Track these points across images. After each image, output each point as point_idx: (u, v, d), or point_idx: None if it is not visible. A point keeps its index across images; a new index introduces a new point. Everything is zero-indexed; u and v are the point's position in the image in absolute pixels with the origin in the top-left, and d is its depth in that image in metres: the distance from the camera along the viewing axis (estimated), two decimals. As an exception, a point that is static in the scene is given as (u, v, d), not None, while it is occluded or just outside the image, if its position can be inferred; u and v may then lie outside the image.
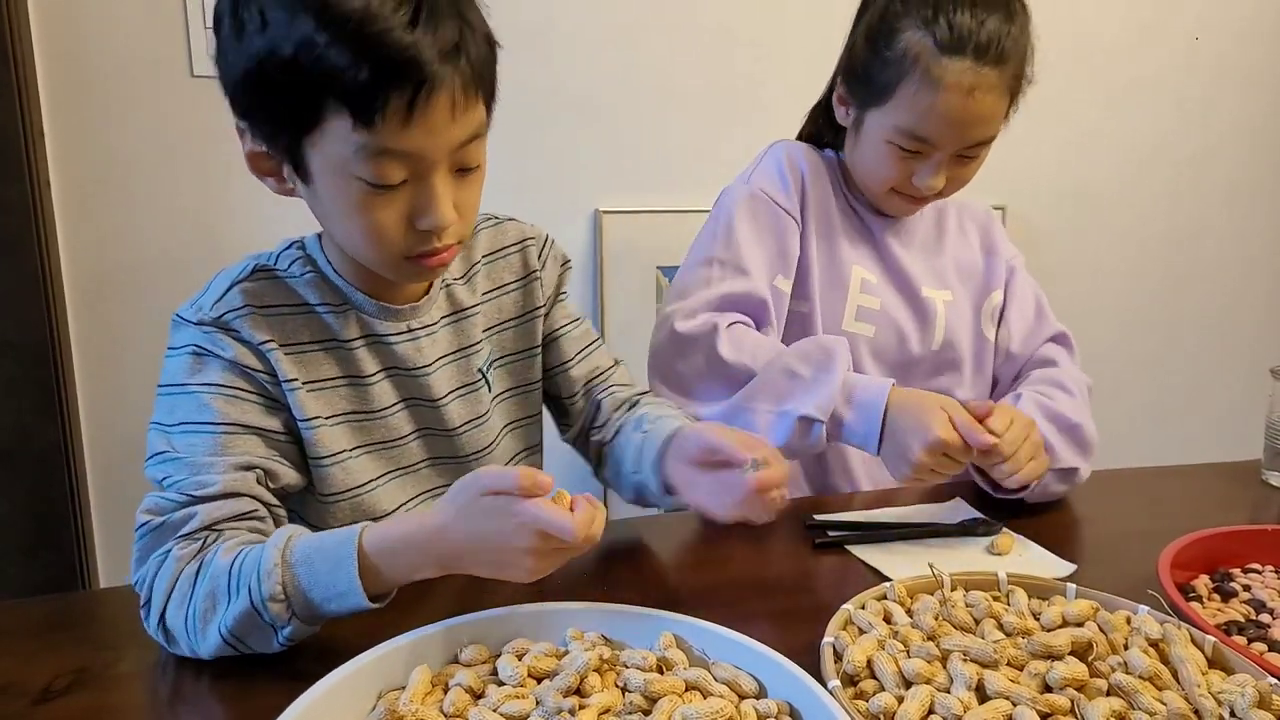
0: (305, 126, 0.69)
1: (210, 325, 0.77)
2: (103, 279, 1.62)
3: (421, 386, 0.87)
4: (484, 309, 0.93)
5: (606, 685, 0.63)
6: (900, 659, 0.65)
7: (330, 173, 0.71)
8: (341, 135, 0.68)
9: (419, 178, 0.71)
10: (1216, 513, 1.05)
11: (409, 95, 0.66)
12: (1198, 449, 2.29)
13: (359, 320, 0.84)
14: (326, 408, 0.83)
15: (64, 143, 1.56)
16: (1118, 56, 2.09)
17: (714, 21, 1.83)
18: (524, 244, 0.96)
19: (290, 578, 0.67)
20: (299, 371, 0.81)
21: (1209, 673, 0.65)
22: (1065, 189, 2.13)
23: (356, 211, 0.72)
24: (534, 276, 0.95)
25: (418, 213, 0.73)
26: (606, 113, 1.81)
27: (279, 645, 0.68)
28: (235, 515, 0.72)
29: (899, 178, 1.07)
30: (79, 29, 1.54)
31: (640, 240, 1.85)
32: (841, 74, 1.12)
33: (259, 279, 0.81)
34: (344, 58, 0.65)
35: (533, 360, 0.97)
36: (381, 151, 0.68)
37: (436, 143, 0.70)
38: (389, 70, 0.65)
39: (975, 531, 0.96)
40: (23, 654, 0.72)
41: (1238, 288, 2.32)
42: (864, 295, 1.14)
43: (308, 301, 0.82)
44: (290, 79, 0.66)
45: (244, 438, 0.76)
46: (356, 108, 0.66)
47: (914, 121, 1.02)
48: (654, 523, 1.06)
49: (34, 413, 1.55)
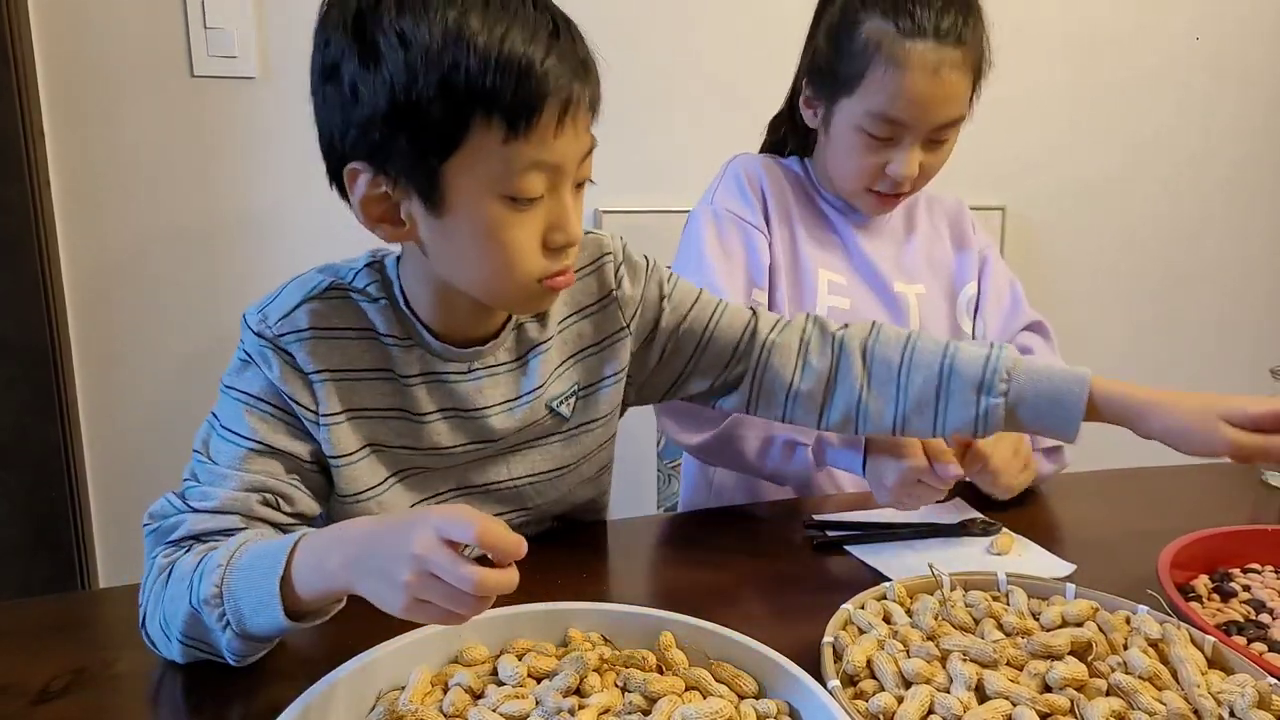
0: (451, 147, 0.67)
1: (267, 342, 0.76)
2: (103, 279, 1.62)
3: (478, 429, 0.84)
4: (558, 341, 0.88)
5: (606, 685, 0.63)
6: (900, 659, 0.65)
7: (473, 193, 0.69)
8: (491, 150, 0.67)
9: (553, 191, 0.72)
10: (1216, 513, 1.05)
11: (560, 104, 0.67)
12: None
13: (421, 358, 0.81)
14: (369, 436, 0.81)
15: (64, 143, 1.56)
16: (1117, 56, 2.09)
17: (714, 21, 1.83)
18: (600, 261, 0.89)
19: (228, 580, 0.65)
20: (348, 400, 0.79)
21: (1209, 673, 0.65)
22: (1065, 189, 2.13)
23: (496, 233, 0.70)
24: (611, 298, 0.89)
25: (552, 228, 0.72)
26: (607, 113, 1.81)
27: (231, 655, 0.66)
28: (220, 530, 0.71)
29: (872, 170, 1.08)
30: (79, 29, 1.54)
31: (640, 240, 1.84)
32: (806, 76, 1.14)
33: (331, 297, 0.79)
34: (496, 73, 0.65)
35: (611, 389, 0.90)
36: (531, 164, 0.68)
37: (575, 153, 0.71)
38: (538, 80, 0.66)
39: (975, 531, 0.96)
40: (21, 654, 0.72)
41: (1238, 287, 2.31)
42: (832, 297, 1.15)
43: (375, 329, 0.80)
44: (440, 98, 0.65)
45: (267, 459, 0.76)
46: (511, 118, 0.66)
47: (883, 104, 1.03)
48: (654, 523, 1.06)
49: (34, 413, 1.55)
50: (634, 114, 1.82)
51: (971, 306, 1.22)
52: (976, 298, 1.23)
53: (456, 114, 0.66)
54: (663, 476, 1.90)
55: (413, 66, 0.64)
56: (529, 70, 0.66)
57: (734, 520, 1.03)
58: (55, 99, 1.54)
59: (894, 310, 1.18)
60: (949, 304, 1.22)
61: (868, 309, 1.16)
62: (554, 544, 0.92)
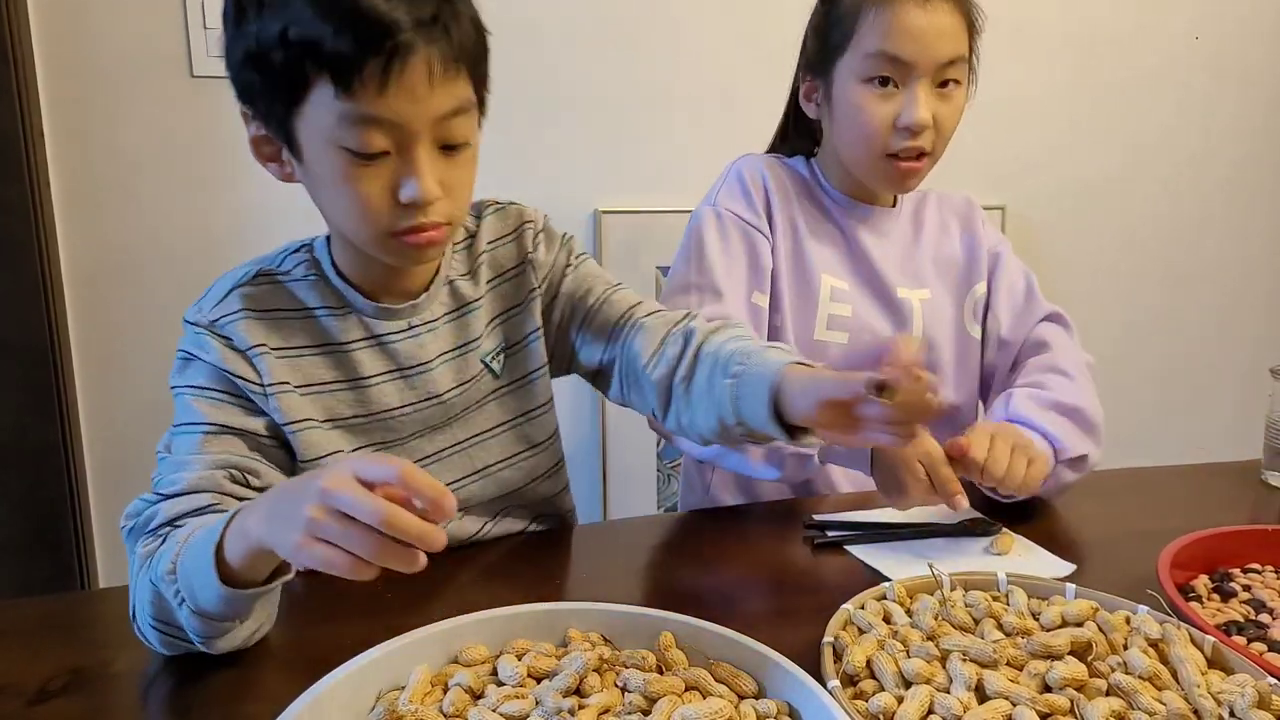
0: (294, 99, 0.71)
1: (203, 328, 0.80)
2: (102, 280, 1.62)
3: (424, 383, 0.87)
4: (487, 300, 0.93)
5: (606, 685, 0.63)
6: (900, 659, 0.65)
7: (318, 145, 0.72)
8: (325, 103, 0.70)
9: (401, 149, 0.73)
10: (1216, 513, 1.05)
11: (384, 59, 0.68)
12: (1198, 449, 2.29)
13: (360, 323, 0.85)
14: (321, 411, 0.83)
15: (64, 143, 1.56)
16: (1117, 56, 2.09)
17: (714, 21, 1.83)
18: (521, 229, 0.95)
19: (181, 556, 0.66)
20: (291, 375, 0.81)
21: (1208, 673, 0.64)
22: (1065, 188, 2.13)
23: (343, 183, 0.73)
24: (527, 262, 0.94)
25: (400, 184, 0.73)
26: (606, 113, 1.81)
27: (196, 640, 0.67)
28: (194, 510, 0.72)
29: (883, 126, 1.05)
30: (79, 30, 1.54)
31: (640, 240, 1.85)
32: (803, 69, 1.15)
33: (259, 283, 0.83)
34: (325, 27, 0.67)
35: (534, 347, 0.94)
36: (362, 118, 0.70)
37: (415, 110, 0.71)
38: (365, 35, 0.68)
39: (975, 531, 0.95)
40: (19, 654, 0.72)
41: (1238, 287, 2.31)
42: (835, 304, 1.14)
43: (307, 305, 0.83)
44: (280, 52, 0.69)
45: (225, 438, 0.78)
46: (336, 73, 0.68)
47: (880, 42, 1.03)
48: (654, 523, 1.06)
49: (33, 413, 1.55)
50: (634, 114, 1.82)
51: (980, 308, 1.20)
52: (986, 300, 1.21)
53: (294, 66, 0.69)
54: (662, 476, 1.90)
55: (264, 18, 0.69)
56: (353, 23, 0.67)
57: (734, 520, 1.02)
58: (55, 99, 1.54)
59: (896, 317, 1.16)
60: (955, 307, 1.20)
61: (869, 316, 1.15)
62: (554, 544, 0.92)
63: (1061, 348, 1.14)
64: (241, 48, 0.71)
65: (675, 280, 1.14)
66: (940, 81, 1.05)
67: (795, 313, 1.14)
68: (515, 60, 1.71)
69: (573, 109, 1.79)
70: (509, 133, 1.74)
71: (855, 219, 1.17)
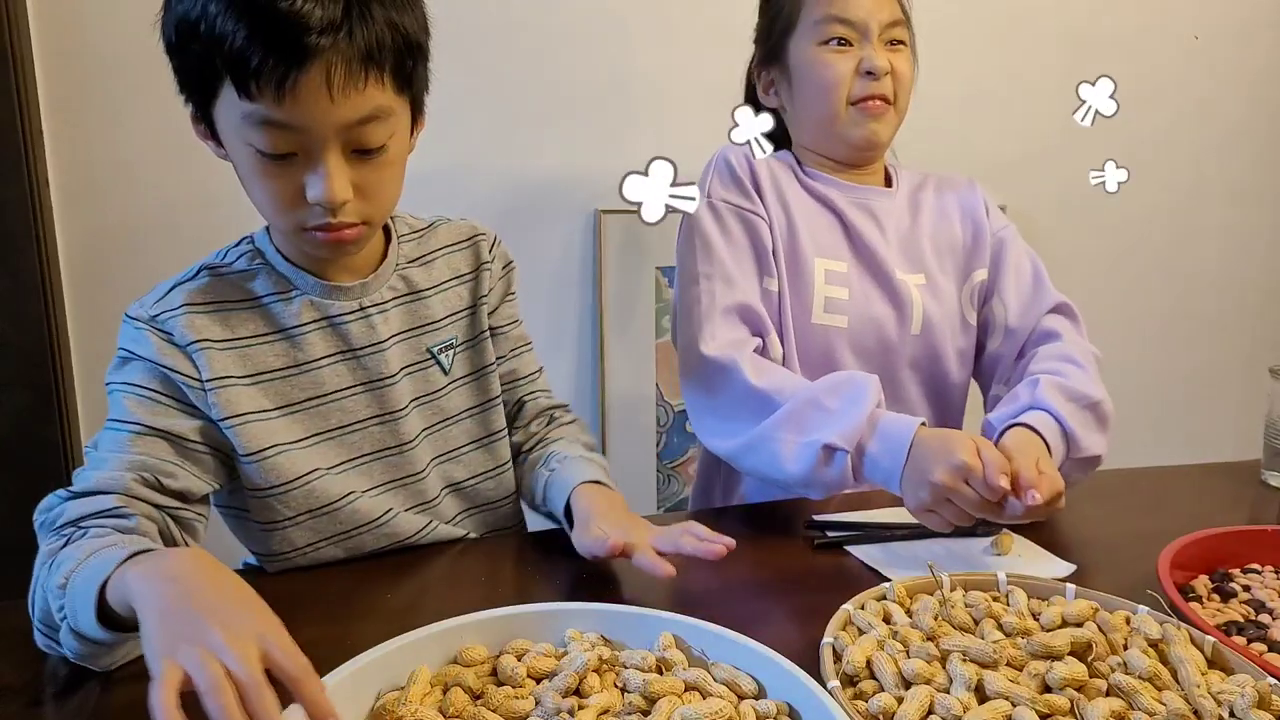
0: (209, 91, 0.72)
1: (143, 323, 0.80)
2: (102, 279, 1.62)
3: (370, 366, 0.88)
4: (444, 295, 0.95)
5: (606, 686, 0.63)
6: (900, 659, 0.65)
7: (231, 138, 0.74)
8: (232, 102, 0.70)
9: (307, 152, 0.73)
10: (1216, 513, 1.05)
11: (281, 67, 0.68)
12: (1198, 449, 2.29)
13: (309, 304, 0.85)
14: (273, 399, 0.84)
15: (63, 143, 1.56)
16: (1117, 55, 2.08)
17: (714, 21, 1.83)
18: (475, 239, 0.99)
19: (75, 572, 0.65)
20: (237, 367, 0.82)
21: (1209, 673, 0.65)
22: (1064, 188, 2.13)
23: (255, 176, 0.74)
24: (484, 267, 0.98)
25: (308, 184, 0.74)
26: (606, 113, 1.81)
27: (70, 655, 0.66)
28: (98, 512, 0.72)
29: (845, 77, 1.10)
30: (79, 29, 1.54)
31: (640, 240, 1.85)
32: (756, 65, 1.21)
33: (202, 278, 0.84)
34: (229, 25, 0.68)
35: (484, 345, 0.99)
36: (264, 121, 0.70)
37: (318, 117, 0.71)
38: (264, 40, 0.68)
39: (975, 532, 0.95)
40: (20, 655, 0.72)
41: (1238, 287, 2.31)
42: (830, 286, 1.12)
43: (254, 295, 0.84)
44: (193, 45, 0.70)
45: (148, 439, 0.78)
46: (235, 76, 0.69)
47: (828, 7, 1.09)
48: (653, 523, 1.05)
49: (32, 413, 1.55)
50: (634, 114, 1.82)
51: (979, 295, 1.18)
52: (986, 286, 1.18)
53: (205, 63, 0.70)
54: (662, 477, 1.91)
55: (183, 13, 0.71)
56: (254, 25, 0.67)
57: (734, 520, 1.02)
58: (54, 99, 1.54)
59: (894, 300, 1.13)
60: (955, 291, 1.17)
61: (867, 298, 1.13)
62: (554, 544, 0.92)
63: (1072, 340, 1.11)
64: (168, 30, 0.74)
65: (685, 273, 1.13)
66: (889, 41, 1.11)
67: (791, 295, 1.12)
68: (515, 60, 1.70)
69: (573, 109, 1.79)
70: (509, 133, 1.74)
71: (848, 200, 1.16)
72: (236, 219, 1.66)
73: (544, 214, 1.81)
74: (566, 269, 1.84)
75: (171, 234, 1.64)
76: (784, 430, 0.97)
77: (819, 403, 0.97)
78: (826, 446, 0.93)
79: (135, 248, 1.62)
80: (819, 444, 0.94)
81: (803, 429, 0.96)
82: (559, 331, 1.83)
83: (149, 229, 1.62)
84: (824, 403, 0.97)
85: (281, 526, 0.86)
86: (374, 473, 0.90)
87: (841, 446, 0.93)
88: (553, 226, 1.82)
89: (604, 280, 1.84)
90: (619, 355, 1.85)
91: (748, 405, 1.01)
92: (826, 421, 0.95)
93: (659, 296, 1.86)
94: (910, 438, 0.90)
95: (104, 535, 0.70)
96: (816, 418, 0.96)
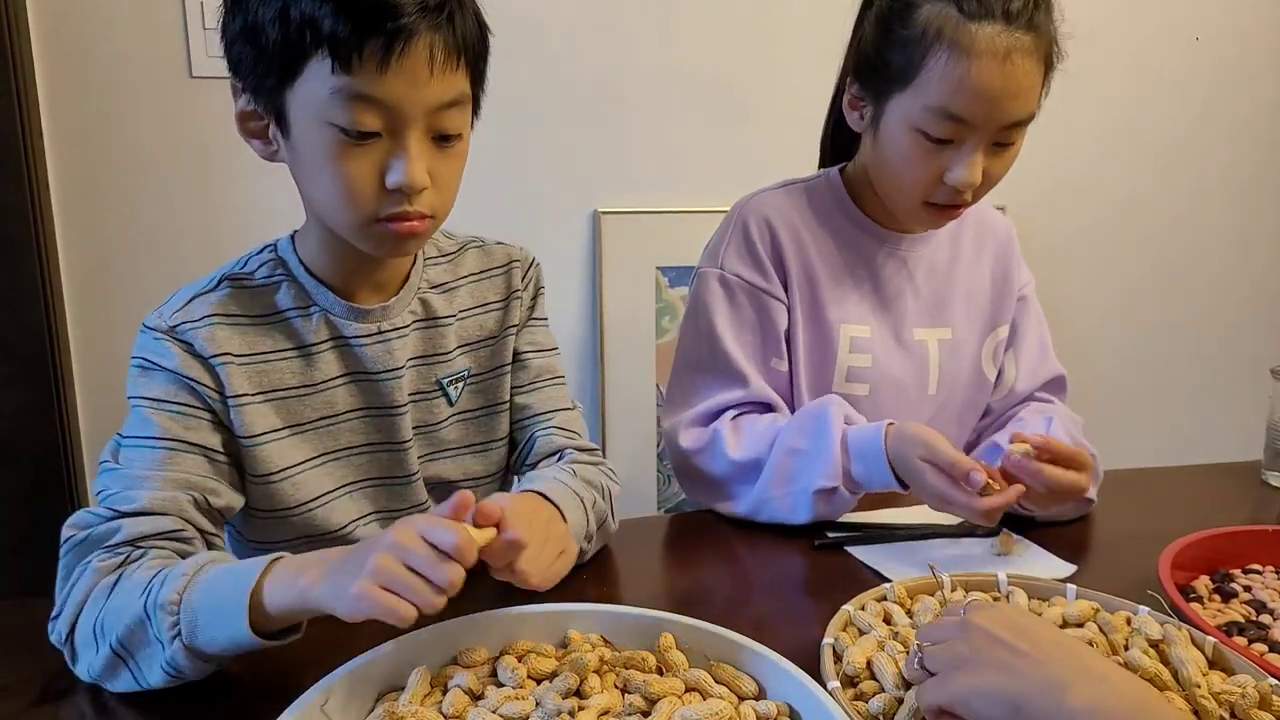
0: (289, 74, 0.71)
1: (163, 333, 0.78)
2: (101, 280, 1.62)
3: (383, 392, 0.86)
4: (462, 324, 0.92)
5: (606, 686, 0.63)
6: (900, 660, 0.65)
7: (308, 120, 0.72)
8: (321, 78, 0.69)
9: (393, 132, 0.72)
10: (1216, 513, 1.05)
11: (385, 40, 0.68)
12: (1198, 449, 2.29)
13: (327, 322, 0.83)
14: (285, 417, 0.82)
15: (63, 144, 1.56)
16: (1117, 56, 2.08)
17: (714, 20, 1.83)
18: (510, 266, 0.96)
19: (189, 588, 0.64)
20: (255, 384, 0.80)
21: (1209, 673, 0.64)
22: (1064, 189, 2.13)
23: (330, 161, 0.72)
24: (515, 295, 0.95)
25: (389, 168, 0.73)
26: (606, 113, 1.81)
27: (162, 671, 0.64)
28: (160, 533, 0.71)
29: (929, 179, 0.96)
30: (78, 30, 1.54)
31: (639, 241, 1.85)
32: (852, 73, 1.02)
33: (224, 289, 0.81)
34: (326, 6, 0.67)
35: (503, 379, 0.95)
36: (357, 96, 0.70)
37: (412, 95, 0.71)
38: (369, 13, 0.68)
39: (975, 532, 0.95)
40: (20, 655, 0.72)
41: (1238, 287, 2.31)
42: (854, 355, 1.07)
43: (277, 308, 0.82)
44: (278, 27, 0.69)
45: (186, 456, 0.76)
46: (335, 49, 0.68)
47: (944, 98, 0.91)
48: (653, 523, 1.06)
49: (32, 413, 1.55)
50: (634, 115, 1.82)
51: (1000, 351, 1.15)
52: (1006, 342, 1.15)
53: (292, 40, 0.69)
54: (663, 478, 1.91)
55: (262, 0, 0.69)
56: (357, 4, 0.67)
57: (734, 521, 1.02)
58: (54, 100, 1.54)
59: (914, 360, 1.10)
60: (977, 345, 1.13)
61: (889, 364, 1.09)
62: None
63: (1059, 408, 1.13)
64: (239, 22, 0.71)
65: (685, 356, 1.09)
66: (998, 142, 0.95)
67: (811, 366, 1.08)
68: (515, 60, 1.70)
69: (572, 109, 1.79)
70: (509, 133, 1.74)
71: (885, 251, 1.08)
72: (236, 219, 1.66)
73: (544, 214, 1.81)
74: (566, 269, 1.84)
75: (171, 235, 1.64)
76: (774, 488, 0.97)
77: (792, 449, 0.97)
78: (819, 491, 0.94)
79: (135, 248, 1.62)
80: (810, 490, 0.95)
81: (789, 479, 0.96)
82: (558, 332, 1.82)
83: (148, 230, 1.62)
84: (796, 447, 0.97)
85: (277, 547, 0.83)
86: (379, 500, 0.89)
87: (830, 485, 0.94)
88: (553, 227, 1.82)
89: (604, 280, 1.84)
90: (619, 355, 1.85)
91: (736, 478, 1.01)
92: (806, 465, 0.95)
93: (659, 296, 1.86)
94: (883, 446, 0.92)
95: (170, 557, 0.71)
96: (796, 465, 0.96)
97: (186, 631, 0.63)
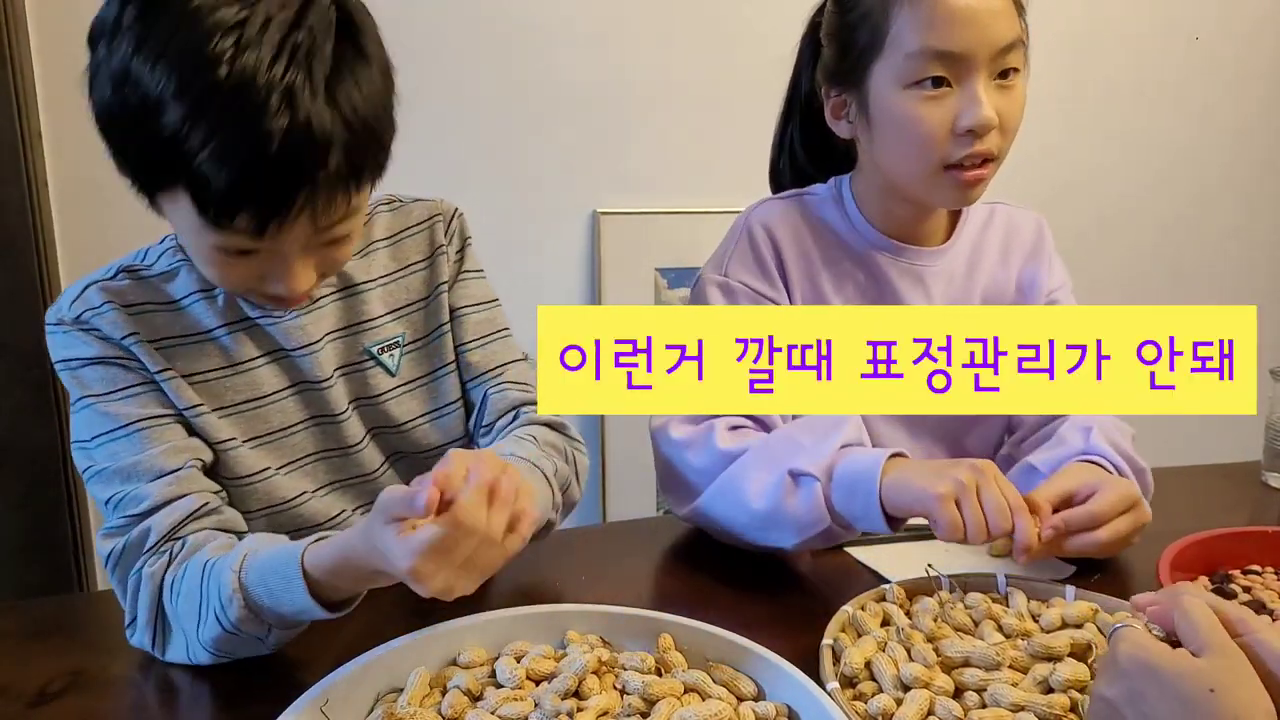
0: (157, 186, 0.67)
1: (69, 325, 0.75)
2: (101, 280, 1.62)
3: (304, 367, 0.83)
4: (387, 289, 0.88)
5: (605, 687, 0.63)
6: (899, 661, 0.65)
7: (182, 230, 0.71)
8: (186, 213, 0.65)
9: (273, 253, 0.69)
10: (1216, 514, 1.05)
11: (263, 216, 0.64)
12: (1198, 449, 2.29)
13: (231, 304, 0.80)
14: (209, 400, 0.79)
15: (61, 144, 1.56)
16: (1117, 56, 2.09)
17: (713, 20, 1.83)
18: (431, 220, 0.91)
19: (251, 599, 0.65)
20: (171, 363, 0.78)
21: (1209, 674, 0.64)
22: (1064, 189, 2.13)
23: (206, 265, 0.71)
24: (440, 250, 0.90)
25: (271, 279, 0.70)
26: (605, 113, 1.81)
27: (270, 649, 0.69)
28: (188, 515, 0.71)
29: (939, 133, 0.89)
30: (77, 30, 1.53)
31: (639, 241, 1.85)
32: (824, 77, 0.98)
33: (121, 279, 0.79)
34: (199, 143, 0.61)
35: (442, 341, 0.90)
36: (219, 246, 0.67)
37: (289, 246, 0.68)
38: (243, 183, 0.62)
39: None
40: (18, 656, 0.72)
41: (1237, 288, 2.31)
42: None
43: (173, 298, 0.79)
44: (146, 132, 0.63)
45: (162, 429, 0.75)
46: (203, 208, 0.63)
47: (922, 38, 0.86)
48: (653, 524, 1.06)
49: (30, 414, 1.55)
50: (633, 115, 1.82)
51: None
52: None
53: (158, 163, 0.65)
54: (662, 477, 1.90)
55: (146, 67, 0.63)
56: (236, 166, 0.61)
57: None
58: (53, 101, 1.54)
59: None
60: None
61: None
62: (553, 546, 0.91)
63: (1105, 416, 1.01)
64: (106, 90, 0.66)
65: None
66: (1000, 71, 0.88)
67: None
68: (515, 60, 1.70)
69: (572, 110, 1.79)
70: (508, 133, 1.74)
71: (897, 268, 1.01)
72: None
73: (543, 214, 1.81)
74: (566, 270, 1.84)
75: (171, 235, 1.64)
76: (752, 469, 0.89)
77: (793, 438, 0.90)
78: (792, 473, 0.85)
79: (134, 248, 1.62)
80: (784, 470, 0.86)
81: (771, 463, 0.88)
82: (558, 332, 1.83)
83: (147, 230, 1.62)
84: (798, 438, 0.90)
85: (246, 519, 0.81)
86: (318, 473, 0.86)
87: (808, 472, 0.84)
88: (551, 227, 1.82)
89: (603, 281, 1.84)
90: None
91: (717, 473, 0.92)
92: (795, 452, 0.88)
93: (658, 297, 1.86)
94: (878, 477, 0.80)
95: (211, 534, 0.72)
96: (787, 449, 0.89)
97: (278, 623, 0.67)
